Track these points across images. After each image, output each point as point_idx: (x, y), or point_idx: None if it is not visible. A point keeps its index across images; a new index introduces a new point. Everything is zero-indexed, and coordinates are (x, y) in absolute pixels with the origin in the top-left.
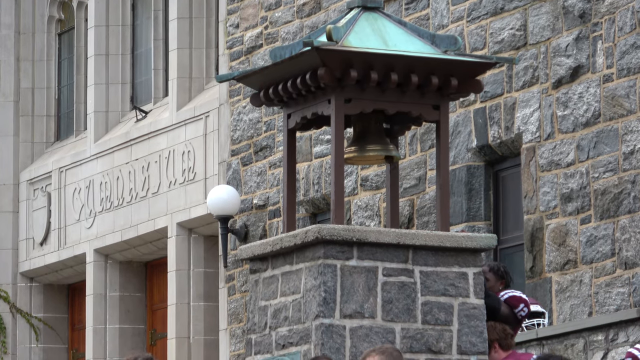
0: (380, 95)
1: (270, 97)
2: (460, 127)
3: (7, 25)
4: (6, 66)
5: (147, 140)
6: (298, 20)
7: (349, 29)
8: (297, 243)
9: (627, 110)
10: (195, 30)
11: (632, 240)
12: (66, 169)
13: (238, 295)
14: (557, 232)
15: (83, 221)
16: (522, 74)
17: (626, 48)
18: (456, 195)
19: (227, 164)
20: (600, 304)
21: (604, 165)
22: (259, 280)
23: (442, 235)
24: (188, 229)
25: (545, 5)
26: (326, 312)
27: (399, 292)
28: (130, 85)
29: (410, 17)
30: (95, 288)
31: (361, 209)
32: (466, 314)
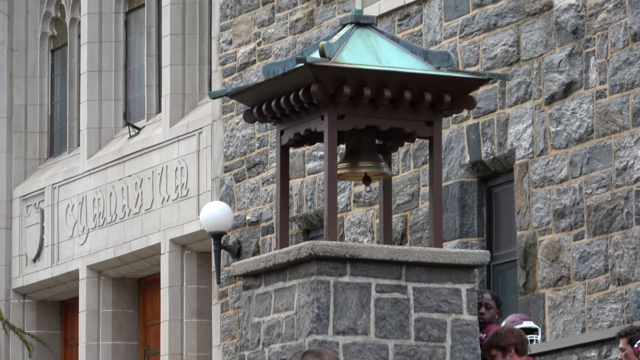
0: (373, 112)
1: (263, 114)
2: (453, 143)
3: (0, 41)
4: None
5: (140, 156)
6: (291, 36)
7: (342, 45)
8: (290, 259)
9: (620, 126)
10: (188, 46)
11: (625, 257)
12: (59, 186)
13: (231, 312)
14: (550, 248)
15: (76, 237)
16: (515, 90)
17: (619, 64)
18: (449, 212)
19: (220, 180)
20: (593, 320)
21: (597, 182)
22: (252, 296)
23: (435, 252)
24: (181, 246)
25: (538, 22)
26: (319, 328)
27: (392, 308)
28: (123, 101)
29: (403, 33)
30: (88, 304)
31: (354, 225)
32: (459, 331)
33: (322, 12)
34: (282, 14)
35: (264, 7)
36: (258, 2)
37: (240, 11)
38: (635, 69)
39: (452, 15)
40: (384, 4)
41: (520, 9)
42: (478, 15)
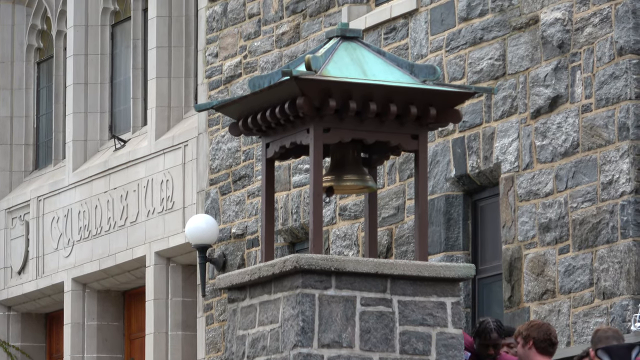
0: (359, 125)
1: (249, 127)
2: (439, 157)
3: None
4: None
5: (125, 169)
6: (277, 49)
7: (327, 58)
8: (276, 272)
9: (606, 141)
10: (174, 59)
11: (611, 270)
12: (44, 198)
13: (216, 325)
14: (536, 262)
15: (61, 250)
16: (501, 104)
17: (605, 78)
18: (435, 225)
19: (205, 193)
20: (578, 333)
21: (583, 195)
22: (237, 309)
23: (421, 265)
24: (166, 258)
25: (524, 36)
26: (304, 341)
27: (377, 321)
28: (109, 114)
29: (389, 46)
30: (73, 317)
31: (340, 239)
32: (444, 344)
33: (308, 25)
34: (268, 27)
35: (250, 20)
36: (244, 15)
37: (227, 24)
38: (621, 83)
39: (438, 29)
40: (370, 17)
41: (506, 23)
42: (464, 29)
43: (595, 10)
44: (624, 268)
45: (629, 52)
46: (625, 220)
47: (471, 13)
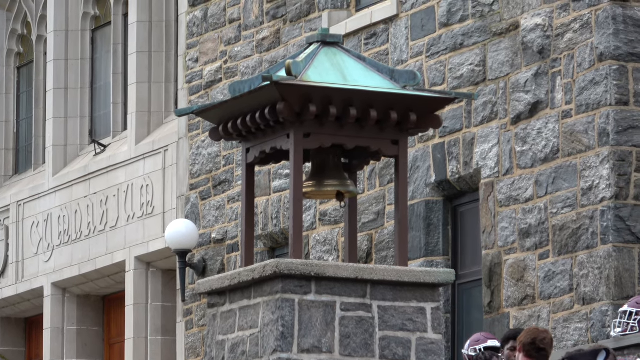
0: (339, 130)
1: (229, 132)
2: (419, 162)
3: None
4: None
5: (105, 174)
6: (257, 54)
7: (308, 63)
8: (255, 277)
9: (586, 146)
10: (155, 64)
11: (590, 276)
12: (24, 203)
13: (196, 330)
14: (515, 268)
15: (41, 255)
16: (481, 110)
17: (585, 84)
18: (415, 230)
19: (185, 198)
20: (558, 339)
21: (563, 201)
22: (216, 314)
23: (401, 270)
24: (146, 263)
25: (504, 41)
26: (284, 346)
27: (356, 326)
28: (89, 119)
29: (370, 52)
30: (53, 322)
31: (320, 244)
32: (424, 349)
33: (288, 30)
34: (249, 33)
35: (230, 26)
36: (225, 21)
37: (207, 29)
38: (601, 89)
39: (418, 35)
40: (351, 23)
41: (486, 28)
42: (444, 34)
43: (575, 16)
44: (604, 274)
45: (609, 58)
46: (605, 226)
47: (451, 19)
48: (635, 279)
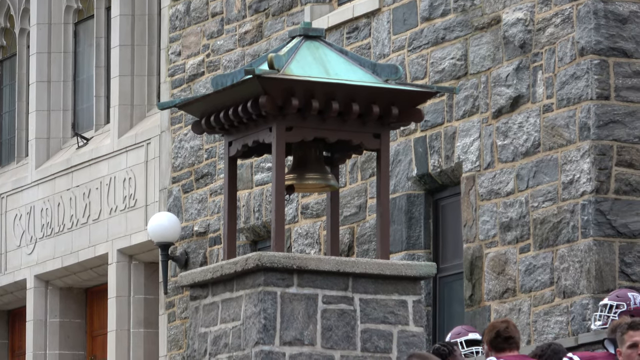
0: (321, 124)
1: (211, 125)
2: (401, 156)
3: None
4: None
5: (88, 167)
6: (240, 48)
7: (290, 57)
8: (238, 270)
9: (567, 140)
10: (137, 57)
11: (571, 270)
12: (7, 195)
13: (178, 322)
14: (496, 261)
15: (24, 247)
16: (463, 104)
17: (566, 78)
18: (396, 224)
19: (168, 191)
20: (538, 332)
21: (543, 195)
22: (199, 307)
23: (382, 264)
24: (128, 256)
25: (485, 36)
26: (266, 339)
27: (338, 319)
28: (72, 112)
29: (352, 46)
30: (36, 314)
31: (302, 237)
32: (405, 342)
33: (271, 24)
34: (231, 26)
35: (213, 19)
36: (207, 14)
37: (190, 23)
38: (582, 84)
39: (400, 29)
40: (333, 16)
41: (468, 23)
42: (426, 28)
43: (557, 11)
44: (584, 267)
45: (591, 53)
46: (585, 220)
47: (433, 13)
48: (615, 273)
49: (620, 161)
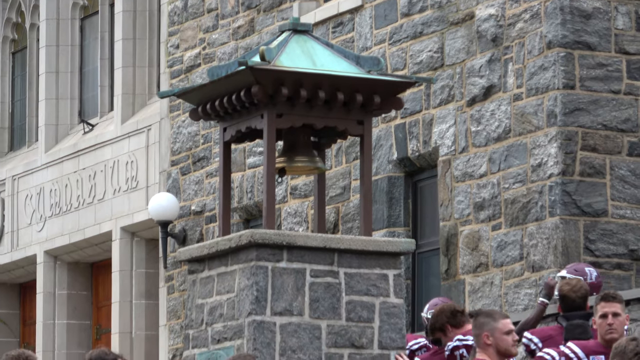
0: (309, 111)
1: (207, 112)
2: (382, 141)
3: None
4: None
5: (93, 151)
6: (233, 41)
7: (280, 50)
8: (232, 246)
9: (535, 127)
10: (139, 50)
11: (539, 246)
12: (19, 177)
13: (177, 294)
14: (470, 238)
15: (34, 225)
16: (439, 93)
17: (534, 69)
18: (378, 204)
19: (167, 173)
20: (509, 303)
21: (514, 177)
22: (196, 280)
23: (365, 240)
24: (131, 233)
25: (460, 30)
26: (258, 309)
27: (325, 291)
28: (79, 100)
29: (337, 39)
30: (45, 287)
31: (291, 216)
32: (387, 312)
33: (262, 19)
34: (226, 21)
35: (208, 15)
36: (203, 10)
37: (187, 18)
38: (549, 74)
39: (381, 24)
40: (320, 12)
41: (444, 18)
42: (405, 23)
43: (526, 7)
44: (552, 244)
45: (557, 46)
46: (553, 200)
47: (412, 9)
48: (580, 249)
49: (585, 146)
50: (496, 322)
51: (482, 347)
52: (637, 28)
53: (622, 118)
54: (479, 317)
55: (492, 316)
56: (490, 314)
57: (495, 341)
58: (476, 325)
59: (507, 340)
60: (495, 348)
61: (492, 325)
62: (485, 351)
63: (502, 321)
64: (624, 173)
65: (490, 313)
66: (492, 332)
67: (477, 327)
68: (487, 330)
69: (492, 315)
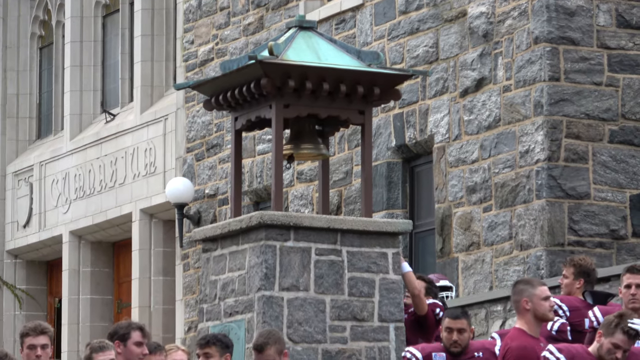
0: (314, 102)
1: (220, 103)
2: (382, 129)
3: None
4: None
5: (115, 139)
6: (244, 37)
7: (287, 45)
8: (243, 227)
9: (523, 116)
10: (156, 45)
11: (527, 226)
12: (46, 163)
13: (192, 271)
14: (463, 219)
15: (60, 207)
16: (434, 85)
17: (522, 63)
18: (378, 187)
19: (183, 159)
20: (499, 279)
21: (503, 163)
22: (210, 258)
23: (366, 221)
24: (149, 215)
25: (454, 27)
26: (267, 285)
27: (329, 268)
28: (101, 92)
29: (340, 35)
30: (70, 264)
31: (297, 198)
32: (386, 288)
33: (270, 17)
34: (237, 19)
35: (221, 13)
36: (216, 8)
37: (201, 16)
38: (536, 67)
39: (381, 21)
40: (324, 10)
41: (439, 15)
42: (403, 20)
43: (514, 5)
44: (538, 224)
45: (543, 41)
46: (539, 184)
47: (409, 7)
48: (565, 229)
49: (569, 134)
50: (534, 289)
51: (521, 313)
52: (618, 25)
53: (604, 108)
54: (518, 285)
55: (531, 283)
56: (528, 282)
57: (534, 306)
58: (515, 292)
59: (545, 305)
60: (533, 313)
61: (530, 292)
62: (524, 317)
63: (540, 288)
64: (605, 159)
65: (528, 281)
66: (530, 298)
67: (516, 293)
68: (526, 296)
69: (531, 282)
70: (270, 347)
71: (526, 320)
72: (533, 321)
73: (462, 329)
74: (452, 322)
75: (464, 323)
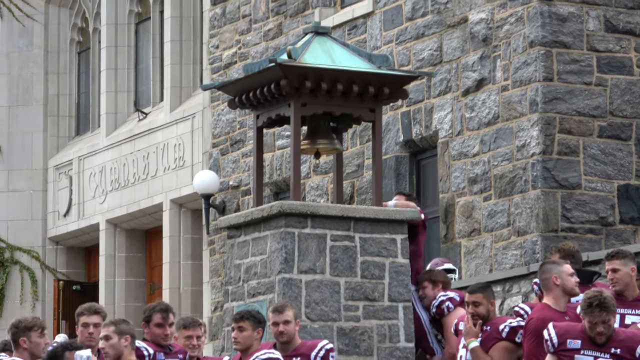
0: (328, 101)
1: (243, 102)
2: (391, 126)
3: (38, 45)
4: (37, 78)
5: (147, 135)
6: (264, 42)
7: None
8: (264, 215)
9: (520, 113)
10: (185, 50)
11: (524, 214)
12: (84, 158)
13: (218, 256)
14: (465, 207)
15: (97, 198)
16: (439, 85)
17: (519, 65)
18: (387, 179)
19: (209, 154)
20: (498, 263)
21: (502, 156)
22: (234, 244)
23: (377, 210)
24: (179, 204)
25: (456, 32)
26: (286, 269)
27: (343, 253)
28: (134, 92)
29: (352, 40)
30: (107, 250)
31: (313, 189)
32: (395, 271)
33: (289, 23)
34: (258, 25)
35: (243, 20)
36: (239, 16)
37: (225, 23)
38: (531, 69)
39: (389, 27)
40: (337, 17)
41: (442, 21)
42: (410, 26)
43: (511, 12)
44: (534, 212)
45: (538, 45)
46: (535, 175)
47: (415, 14)
48: (558, 217)
49: (562, 129)
50: (561, 267)
51: (550, 288)
52: (606, 29)
53: (593, 105)
54: (546, 265)
55: (557, 262)
56: (554, 261)
57: (563, 282)
58: (544, 271)
59: (572, 280)
60: (562, 288)
61: (559, 269)
62: (552, 292)
63: (566, 265)
64: (595, 152)
65: (554, 261)
66: (559, 274)
67: (545, 272)
68: (555, 273)
69: (556, 261)
70: (289, 310)
71: (554, 295)
72: (561, 296)
73: (476, 302)
74: (468, 296)
75: (479, 297)
